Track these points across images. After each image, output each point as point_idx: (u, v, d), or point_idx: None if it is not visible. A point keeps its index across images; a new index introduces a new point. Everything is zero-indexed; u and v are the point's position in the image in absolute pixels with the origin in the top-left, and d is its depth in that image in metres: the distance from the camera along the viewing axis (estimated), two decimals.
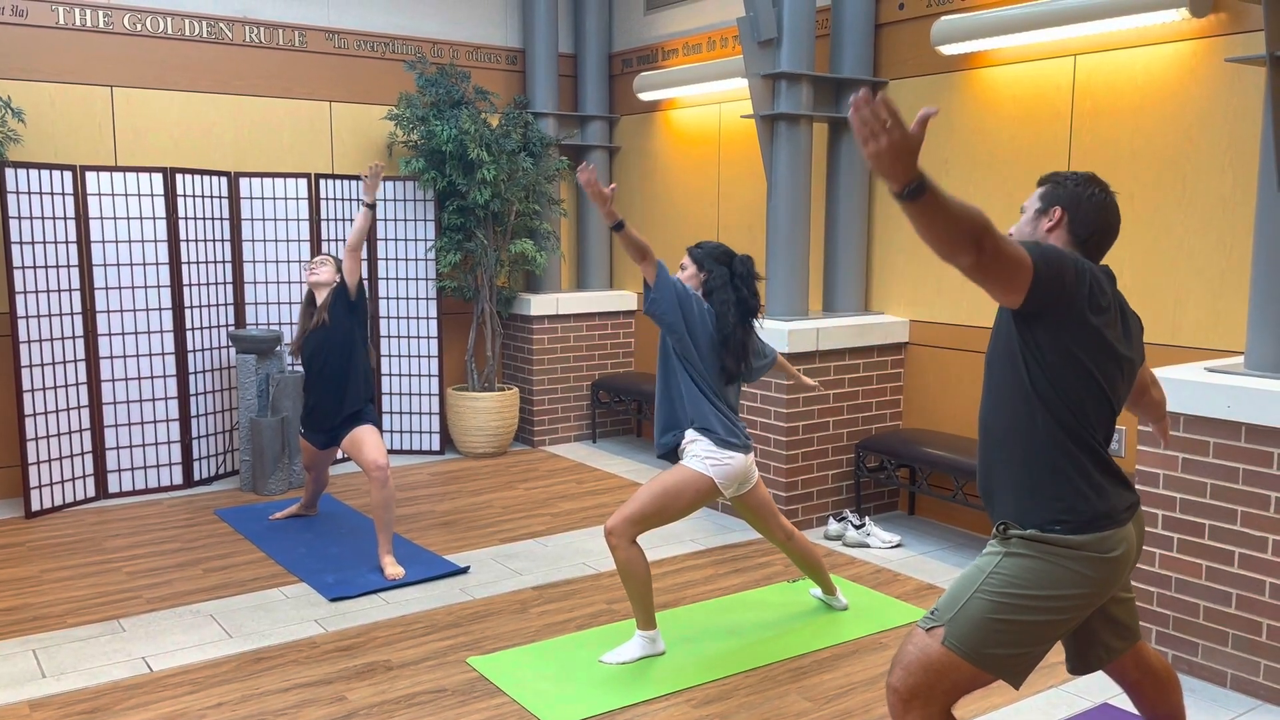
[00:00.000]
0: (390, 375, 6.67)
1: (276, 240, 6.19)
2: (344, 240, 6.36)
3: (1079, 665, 2.45)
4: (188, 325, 5.83)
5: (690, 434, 3.60)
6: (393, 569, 4.42)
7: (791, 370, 4.19)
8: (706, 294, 3.62)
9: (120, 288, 5.62)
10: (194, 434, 5.90)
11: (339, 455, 5.45)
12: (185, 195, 5.77)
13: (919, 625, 2.24)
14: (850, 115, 1.75)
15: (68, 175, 5.42)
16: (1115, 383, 2.21)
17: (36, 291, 5.25)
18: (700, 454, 3.56)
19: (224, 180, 6.01)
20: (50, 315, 5.33)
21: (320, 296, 4.75)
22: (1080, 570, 2.15)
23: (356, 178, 6.41)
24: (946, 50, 4.85)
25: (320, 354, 4.70)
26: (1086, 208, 2.26)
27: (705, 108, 6.51)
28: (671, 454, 3.69)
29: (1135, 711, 2.95)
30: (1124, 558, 2.19)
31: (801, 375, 4.23)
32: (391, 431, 6.68)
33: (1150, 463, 3.50)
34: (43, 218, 5.29)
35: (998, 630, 2.15)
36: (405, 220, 6.56)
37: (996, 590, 2.16)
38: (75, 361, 5.48)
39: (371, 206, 4.67)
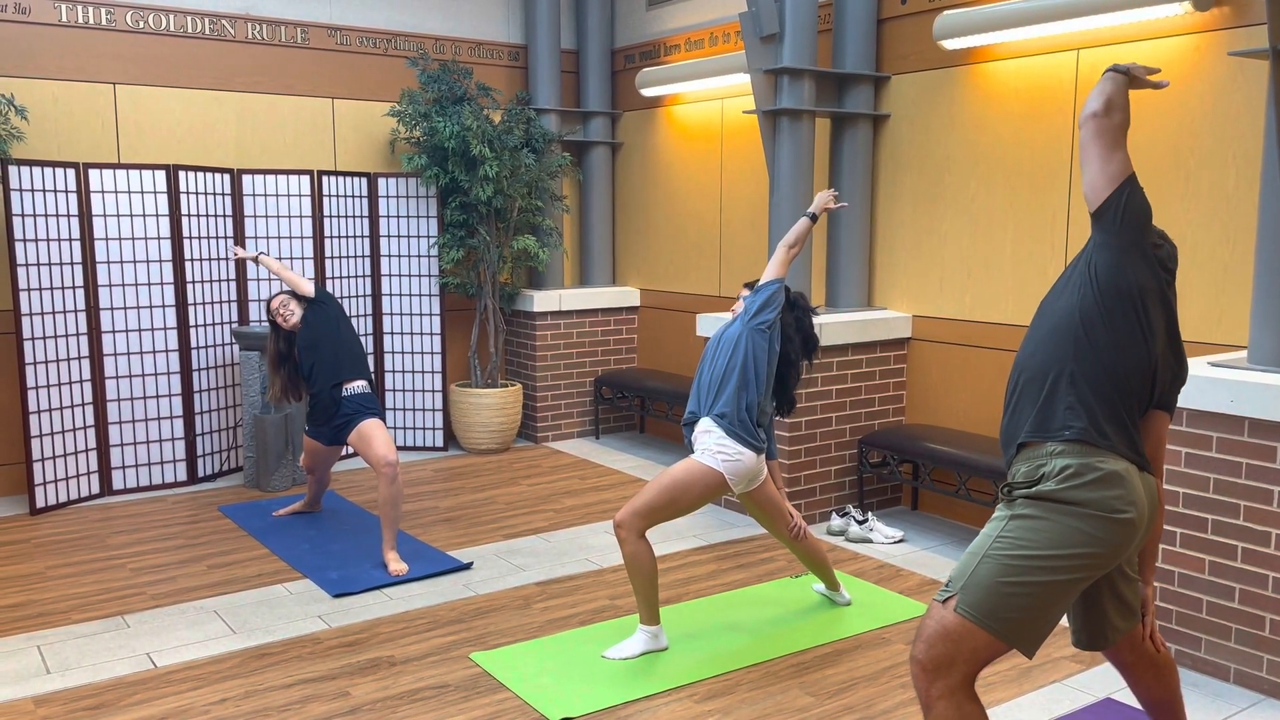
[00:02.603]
0: (393, 372, 6.68)
1: (279, 237, 6.19)
2: (346, 237, 6.40)
3: (1084, 639, 2.47)
4: (191, 322, 5.84)
5: (705, 423, 3.62)
6: (396, 565, 4.43)
7: (779, 479, 3.96)
8: None
9: (124, 285, 5.63)
10: (198, 431, 5.92)
11: (344, 452, 5.46)
12: (188, 192, 5.77)
13: (935, 598, 2.28)
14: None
15: (71, 172, 5.43)
16: (1158, 344, 2.28)
17: (40, 289, 5.26)
18: (712, 447, 3.56)
19: (227, 177, 6.01)
20: (54, 312, 5.34)
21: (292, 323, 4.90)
22: (1086, 529, 2.16)
23: (360, 174, 6.43)
24: (949, 45, 4.84)
25: (312, 349, 4.78)
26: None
27: (708, 103, 6.50)
28: (690, 427, 3.74)
29: (1138, 706, 2.95)
30: (1133, 524, 2.19)
31: (785, 497, 3.96)
32: (395, 428, 6.69)
33: None
34: (46, 215, 5.30)
35: (1008, 593, 2.17)
36: (408, 217, 6.57)
37: (1004, 553, 2.19)
38: (79, 358, 5.49)
39: (263, 253, 5.42)
